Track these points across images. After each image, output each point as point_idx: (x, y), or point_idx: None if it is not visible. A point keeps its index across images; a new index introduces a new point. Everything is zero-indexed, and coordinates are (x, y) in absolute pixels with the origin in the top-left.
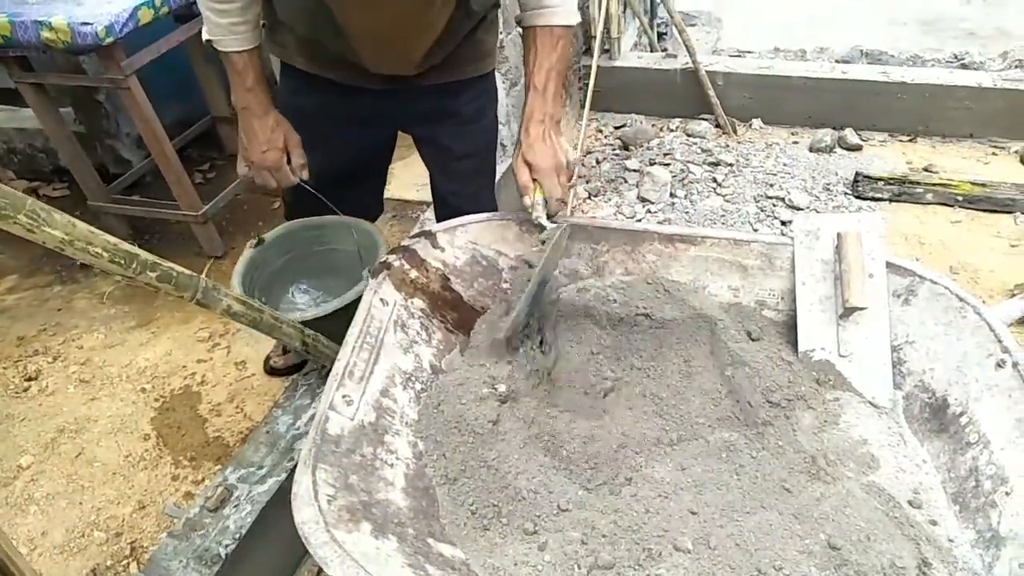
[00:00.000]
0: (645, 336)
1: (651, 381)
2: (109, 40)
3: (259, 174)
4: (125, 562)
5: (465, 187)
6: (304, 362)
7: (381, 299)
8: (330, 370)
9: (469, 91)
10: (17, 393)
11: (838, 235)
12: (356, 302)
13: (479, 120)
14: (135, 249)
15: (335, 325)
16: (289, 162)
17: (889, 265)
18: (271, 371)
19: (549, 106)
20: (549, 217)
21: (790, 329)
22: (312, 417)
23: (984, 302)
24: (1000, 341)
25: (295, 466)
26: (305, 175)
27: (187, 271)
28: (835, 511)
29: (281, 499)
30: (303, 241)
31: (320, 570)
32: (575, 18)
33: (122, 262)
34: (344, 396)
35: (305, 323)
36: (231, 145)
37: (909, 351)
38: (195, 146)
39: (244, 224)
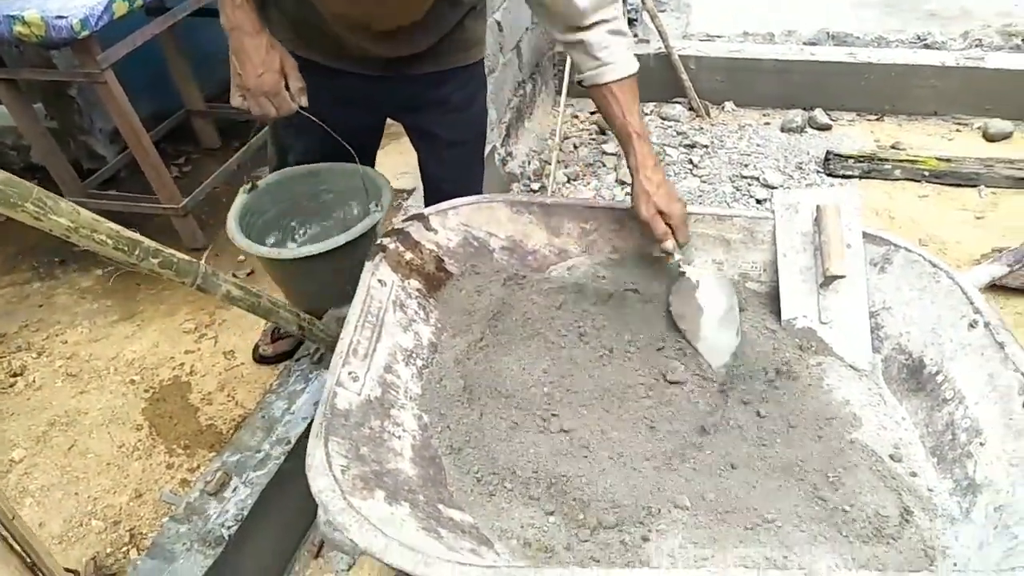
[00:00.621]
0: (634, 310)
1: (640, 352)
2: (84, 33)
3: (256, 101)
4: (125, 549)
5: (455, 174)
6: (294, 350)
7: (379, 280)
8: (322, 354)
9: (458, 79)
10: (3, 389)
11: (817, 208)
12: (364, 237)
13: (468, 108)
14: (138, 236)
15: (344, 261)
16: (287, 87)
17: (865, 235)
18: (260, 360)
19: (653, 149)
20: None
21: (773, 299)
22: (306, 402)
23: None
24: (972, 303)
25: (291, 449)
26: (304, 101)
27: (187, 257)
28: (822, 466)
29: (279, 482)
30: (298, 188)
31: (319, 549)
32: (636, 63)
33: (126, 249)
34: (350, 373)
35: (314, 258)
36: (206, 139)
37: (886, 316)
38: (169, 140)
39: (223, 217)
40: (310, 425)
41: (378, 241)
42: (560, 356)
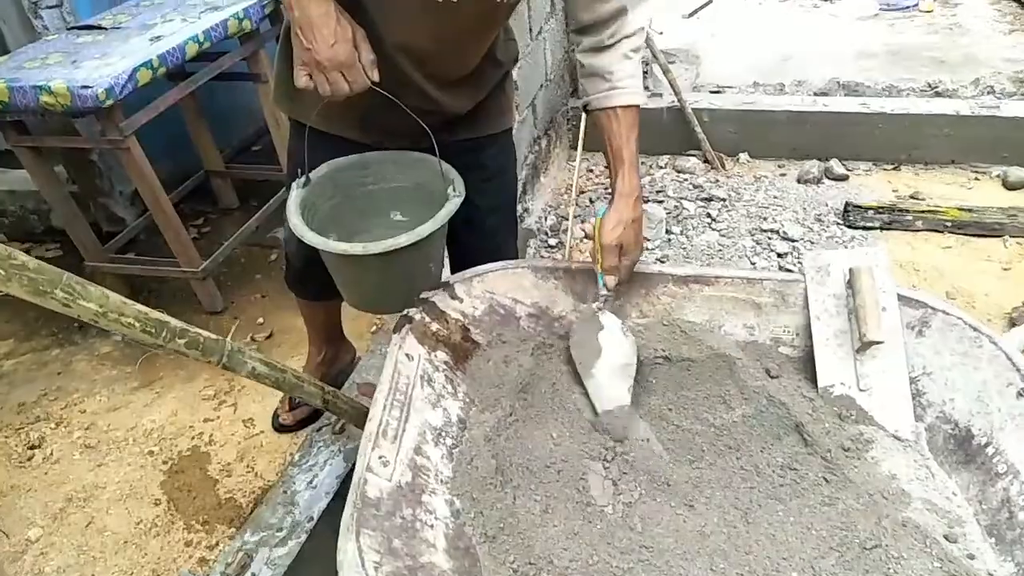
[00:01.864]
0: (665, 378)
1: (675, 427)
2: (109, 102)
3: (328, 76)
4: None
5: (488, 242)
6: (314, 415)
7: (406, 354)
8: (342, 426)
9: (493, 146)
10: (21, 463)
11: (850, 271)
12: (439, 229)
13: (503, 175)
14: (164, 317)
15: (419, 255)
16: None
17: (901, 297)
18: (279, 428)
19: (640, 183)
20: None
21: (806, 364)
22: (329, 475)
23: None
24: (1019, 370)
25: (315, 527)
26: (376, 76)
27: (213, 336)
28: (875, 551)
29: (302, 562)
30: (346, 180)
31: None
32: (644, 96)
33: (153, 331)
34: (380, 457)
35: (392, 252)
36: (224, 199)
37: (927, 382)
38: (188, 201)
39: (242, 278)
40: (333, 500)
41: (404, 312)
42: (592, 428)
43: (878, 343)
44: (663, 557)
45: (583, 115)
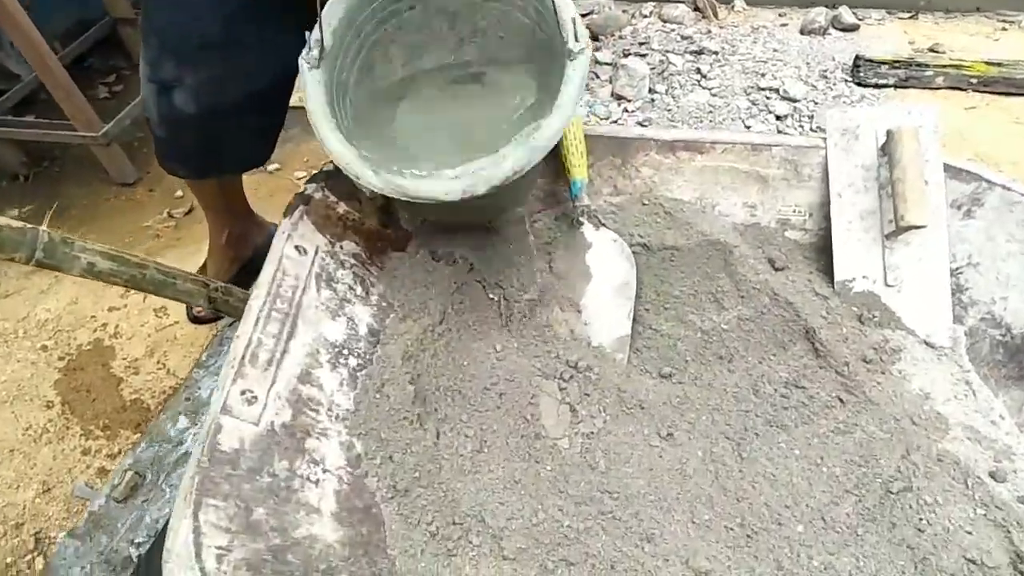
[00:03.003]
0: (643, 271)
1: (653, 331)
2: None
3: None
4: (29, 558)
5: None
6: None
7: (296, 247)
8: None
9: None
10: None
11: (889, 133)
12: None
13: None
14: None
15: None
16: None
17: (947, 168)
18: (195, 320)
19: None
20: None
21: (819, 253)
22: None
23: None
24: None
25: None
26: None
27: (16, 223)
28: (904, 496)
29: None
30: (377, 22)
31: None
32: None
33: None
34: (244, 392)
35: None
36: (138, 51)
37: (972, 275)
38: (96, 55)
39: None
40: None
41: (301, 189)
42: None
43: (919, 227)
44: (630, 507)
45: None
